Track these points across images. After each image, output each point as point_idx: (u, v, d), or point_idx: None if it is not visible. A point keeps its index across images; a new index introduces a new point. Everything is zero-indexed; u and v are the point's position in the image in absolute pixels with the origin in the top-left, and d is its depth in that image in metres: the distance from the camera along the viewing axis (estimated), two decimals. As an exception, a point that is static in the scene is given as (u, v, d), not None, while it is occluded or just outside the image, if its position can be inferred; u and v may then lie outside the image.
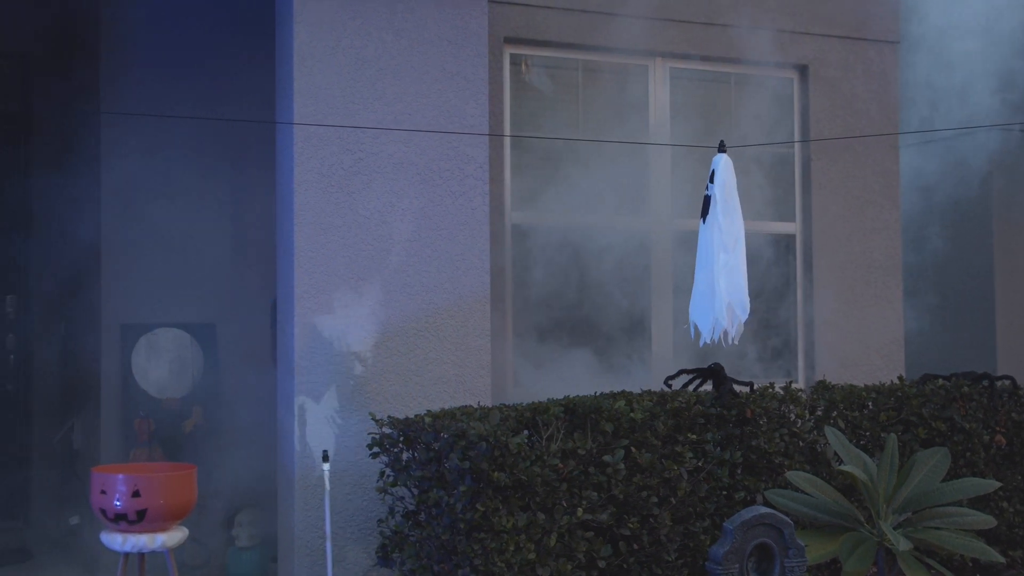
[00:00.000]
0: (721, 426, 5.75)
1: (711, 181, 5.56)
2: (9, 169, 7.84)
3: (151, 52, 7.33)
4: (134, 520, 5.12)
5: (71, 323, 7.83)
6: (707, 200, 5.55)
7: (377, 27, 6.06)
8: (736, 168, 7.02)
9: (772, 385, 6.08)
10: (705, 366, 6.01)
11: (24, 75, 8.14)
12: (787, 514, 5.19)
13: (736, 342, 5.53)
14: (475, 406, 5.77)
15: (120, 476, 5.13)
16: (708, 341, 5.54)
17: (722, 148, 5.58)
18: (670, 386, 5.95)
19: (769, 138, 7.29)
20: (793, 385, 6.19)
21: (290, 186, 5.94)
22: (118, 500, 5.10)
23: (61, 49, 8.02)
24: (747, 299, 5.52)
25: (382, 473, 5.43)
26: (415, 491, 5.28)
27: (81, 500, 7.19)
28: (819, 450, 5.98)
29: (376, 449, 5.42)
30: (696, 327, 5.58)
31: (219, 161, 7.36)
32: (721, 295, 5.45)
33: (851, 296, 7.43)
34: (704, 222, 5.56)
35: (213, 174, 7.36)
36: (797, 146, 7.45)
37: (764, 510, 5.00)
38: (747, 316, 5.53)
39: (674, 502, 5.49)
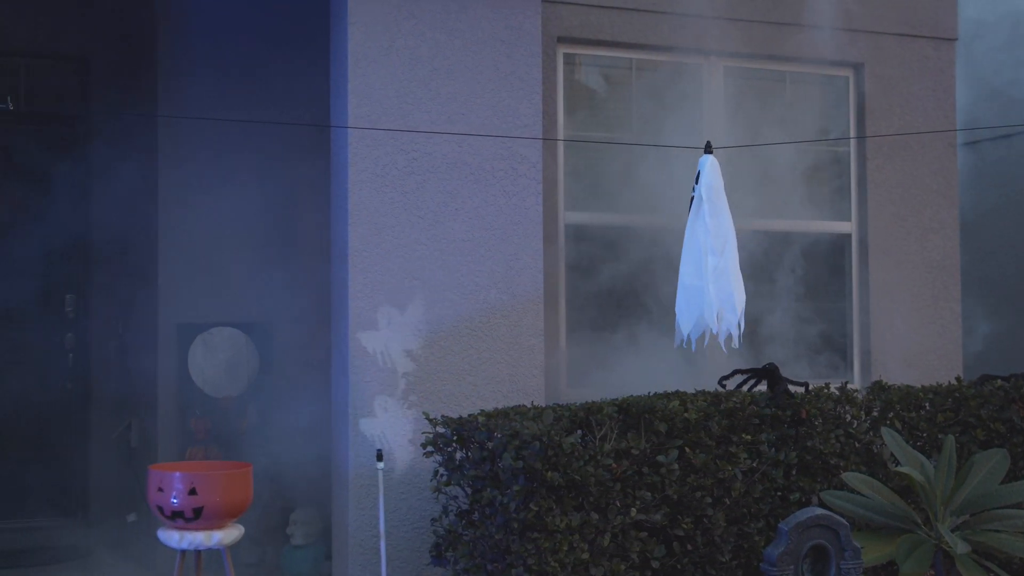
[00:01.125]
0: (776, 427, 5.71)
1: (696, 182, 5.46)
2: (67, 171, 7.94)
3: (208, 54, 7.41)
4: (191, 518, 5.15)
5: (128, 322, 7.92)
6: (692, 202, 5.45)
7: (431, 27, 6.08)
8: (790, 167, 7.02)
9: (827, 385, 6.03)
10: (760, 366, 5.97)
11: (82, 78, 8.24)
12: (843, 515, 5.15)
13: (739, 346, 5.43)
14: (528, 406, 5.77)
15: (177, 474, 5.17)
16: (695, 349, 5.44)
17: (708, 149, 5.48)
18: (724, 386, 5.92)
19: (824, 136, 7.22)
20: (849, 386, 6.12)
21: (345, 186, 5.97)
22: (175, 498, 5.14)
23: (119, 52, 8.12)
24: (737, 303, 5.38)
25: (436, 472, 5.44)
26: (468, 490, 5.29)
27: (138, 498, 7.28)
28: (875, 451, 5.93)
29: (430, 448, 5.43)
30: (680, 332, 5.40)
31: (275, 161, 7.41)
32: (711, 300, 5.32)
33: (908, 296, 7.35)
34: (688, 223, 5.46)
35: (269, 174, 7.41)
36: (853, 144, 7.39)
37: (819, 511, 4.97)
38: (736, 319, 5.39)
39: (728, 503, 5.47)
